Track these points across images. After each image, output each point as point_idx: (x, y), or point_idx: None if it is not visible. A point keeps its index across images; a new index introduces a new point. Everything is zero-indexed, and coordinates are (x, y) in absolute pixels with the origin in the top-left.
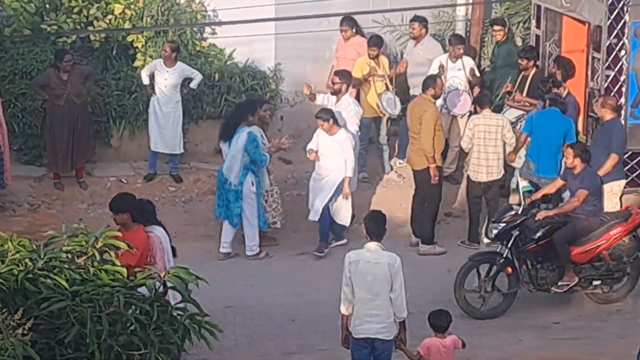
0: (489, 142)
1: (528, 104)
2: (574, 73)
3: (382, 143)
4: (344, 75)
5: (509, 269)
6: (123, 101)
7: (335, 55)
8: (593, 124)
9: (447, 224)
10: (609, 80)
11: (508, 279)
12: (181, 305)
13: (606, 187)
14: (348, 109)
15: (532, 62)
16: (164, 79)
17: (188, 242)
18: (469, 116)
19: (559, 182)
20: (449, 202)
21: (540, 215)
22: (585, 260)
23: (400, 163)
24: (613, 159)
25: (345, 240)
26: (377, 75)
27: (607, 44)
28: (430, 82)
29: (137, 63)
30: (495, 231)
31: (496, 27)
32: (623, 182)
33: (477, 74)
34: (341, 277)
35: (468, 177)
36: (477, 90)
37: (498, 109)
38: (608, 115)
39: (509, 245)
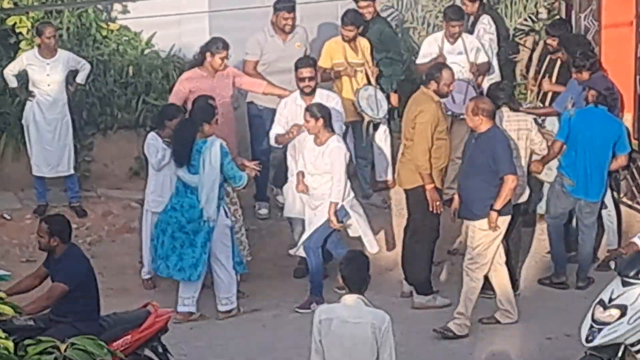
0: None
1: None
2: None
3: (362, 156)
4: (314, 63)
5: None
6: (4, 107)
7: (188, 88)
8: None
9: (451, 265)
10: None
11: None
12: None
13: (481, 224)
14: (332, 103)
15: None
16: (45, 74)
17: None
18: None
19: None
20: (452, 236)
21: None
22: None
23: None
24: (511, 181)
25: None
26: (355, 66)
27: None
28: (434, 72)
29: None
30: None
31: (362, 3)
32: (508, 218)
33: (486, 57)
34: (306, 343)
35: None
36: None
37: None
38: (484, 124)
39: None
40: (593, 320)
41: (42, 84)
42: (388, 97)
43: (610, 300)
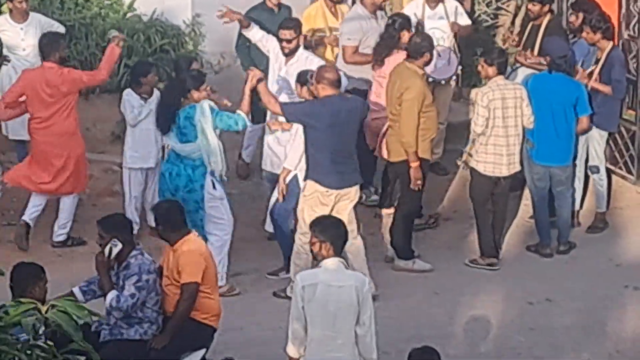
0: (509, 122)
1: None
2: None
3: None
4: (296, 25)
5: None
6: None
7: None
8: (629, 88)
9: (433, 229)
10: None
11: None
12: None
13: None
14: (313, 65)
15: (545, 7)
16: (20, 39)
17: (77, 263)
18: (457, 82)
19: None
20: (434, 200)
21: None
22: None
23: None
24: None
25: None
26: (336, 31)
27: None
28: (426, 45)
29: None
30: None
31: None
32: (328, 191)
33: (468, 20)
34: (287, 306)
35: (473, 171)
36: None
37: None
38: (324, 92)
39: None
40: None
41: (17, 49)
42: None
43: None
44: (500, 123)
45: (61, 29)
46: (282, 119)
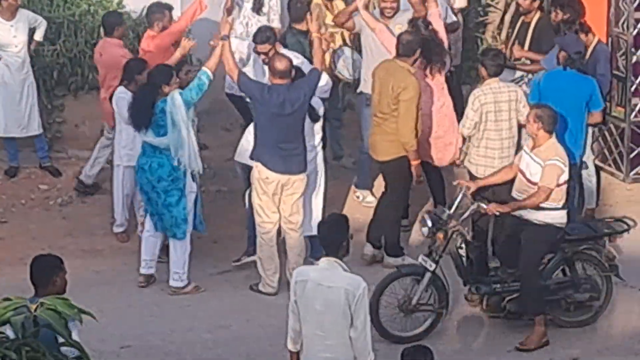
0: (502, 125)
1: (529, 61)
2: (584, 14)
3: (335, 118)
4: (269, 36)
5: None
6: None
7: None
8: (619, 85)
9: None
10: None
11: None
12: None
13: None
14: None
15: (535, 2)
16: (12, 37)
17: (68, 260)
18: (452, 78)
19: None
20: (423, 197)
21: None
22: None
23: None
24: None
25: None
26: (331, 27)
27: None
28: (417, 43)
29: None
30: None
31: None
32: (268, 178)
33: (454, 17)
34: (280, 303)
35: (468, 172)
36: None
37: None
38: (274, 82)
39: None
40: None
41: (10, 46)
42: None
43: None
44: (492, 126)
45: (44, 24)
46: None
